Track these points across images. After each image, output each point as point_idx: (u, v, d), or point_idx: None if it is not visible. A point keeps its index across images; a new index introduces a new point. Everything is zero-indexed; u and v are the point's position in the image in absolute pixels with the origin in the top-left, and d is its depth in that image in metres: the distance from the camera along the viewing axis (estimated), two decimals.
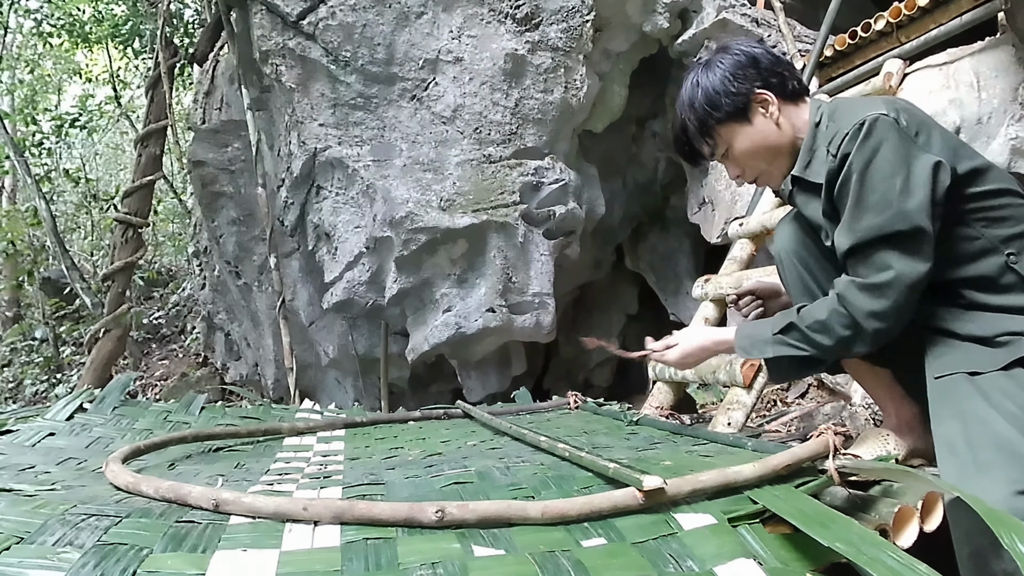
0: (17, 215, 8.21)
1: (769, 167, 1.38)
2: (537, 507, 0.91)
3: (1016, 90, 2.56)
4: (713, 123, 1.36)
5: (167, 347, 7.78)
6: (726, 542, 0.85)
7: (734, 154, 1.38)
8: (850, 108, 1.27)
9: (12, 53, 9.40)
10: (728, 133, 1.36)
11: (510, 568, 0.78)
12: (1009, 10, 2.39)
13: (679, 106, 1.39)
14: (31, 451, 1.59)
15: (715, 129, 1.36)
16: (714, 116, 1.35)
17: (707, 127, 1.36)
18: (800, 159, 1.34)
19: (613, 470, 1.05)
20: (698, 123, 1.37)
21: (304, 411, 2.46)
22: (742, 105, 1.34)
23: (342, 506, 0.90)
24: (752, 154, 1.37)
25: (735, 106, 1.34)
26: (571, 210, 3.90)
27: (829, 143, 1.25)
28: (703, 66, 1.39)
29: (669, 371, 2.82)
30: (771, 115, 1.34)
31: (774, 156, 1.37)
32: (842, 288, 1.19)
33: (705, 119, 1.36)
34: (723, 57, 1.37)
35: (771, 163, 1.38)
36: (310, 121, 3.85)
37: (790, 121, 1.36)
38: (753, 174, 1.40)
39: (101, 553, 0.77)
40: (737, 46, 1.38)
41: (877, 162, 1.16)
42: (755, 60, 1.36)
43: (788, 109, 1.36)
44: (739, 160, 1.39)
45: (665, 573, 0.78)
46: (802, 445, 1.08)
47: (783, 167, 1.37)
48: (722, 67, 1.36)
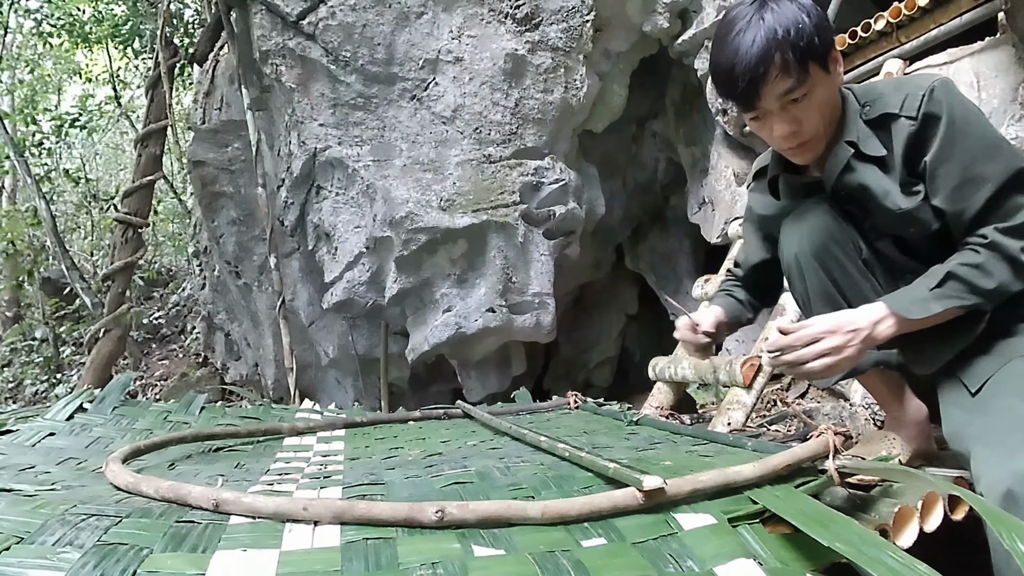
0: (17, 215, 8.21)
1: (822, 130, 1.25)
2: (537, 507, 0.91)
3: (1016, 90, 2.56)
4: (811, 55, 1.17)
5: (167, 347, 7.78)
6: (726, 542, 0.85)
7: (811, 101, 1.21)
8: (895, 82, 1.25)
9: (12, 53, 9.40)
10: (816, 75, 1.19)
11: (510, 568, 0.78)
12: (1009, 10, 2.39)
13: (764, 25, 1.17)
14: (31, 451, 1.59)
15: (810, 64, 1.18)
16: (816, 47, 1.17)
17: (806, 56, 1.17)
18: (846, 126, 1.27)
19: (613, 470, 1.05)
20: (799, 48, 1.16)
21: (304, 411, 2.46)
22: (829, 51, 1.21)
23: (342, 506, 0.90)
24: (823, 108, 1.23)
25: (827, 48, 1.20)
26: (571, 210, 3.90)
27: (888, 106, 1.20)
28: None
29: (669, 371, 2.82)
30: (838, 74, 1.24)
31: (831, 120, 1.26)
32: (992, 237, 1.13)
33: (809, 46, 1.17)
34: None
35: (826, 126, 1.25)
36: (310, 121, 3.85)
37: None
38: (810, 132, 1.24)
39: (101, 553, 0.77)
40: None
41: (970, 115, 1.15)
42: (825, 12, 1.26)
43: None
44: (811, 110, 1.22)
45: (665, 573, 0.78)
46: (802, 445, 1.08)
47: (828, 136, 1.27)
48: (813, 5, 1.21)
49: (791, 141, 1.26)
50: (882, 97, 1.23)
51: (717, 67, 1.23)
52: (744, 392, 2.38)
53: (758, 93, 1.19)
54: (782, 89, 1.19)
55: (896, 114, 1.20)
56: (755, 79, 1.17)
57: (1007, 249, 1.12)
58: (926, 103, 1.16)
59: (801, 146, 1.27)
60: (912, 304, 1.15)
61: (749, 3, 1.21)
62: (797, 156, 1.29)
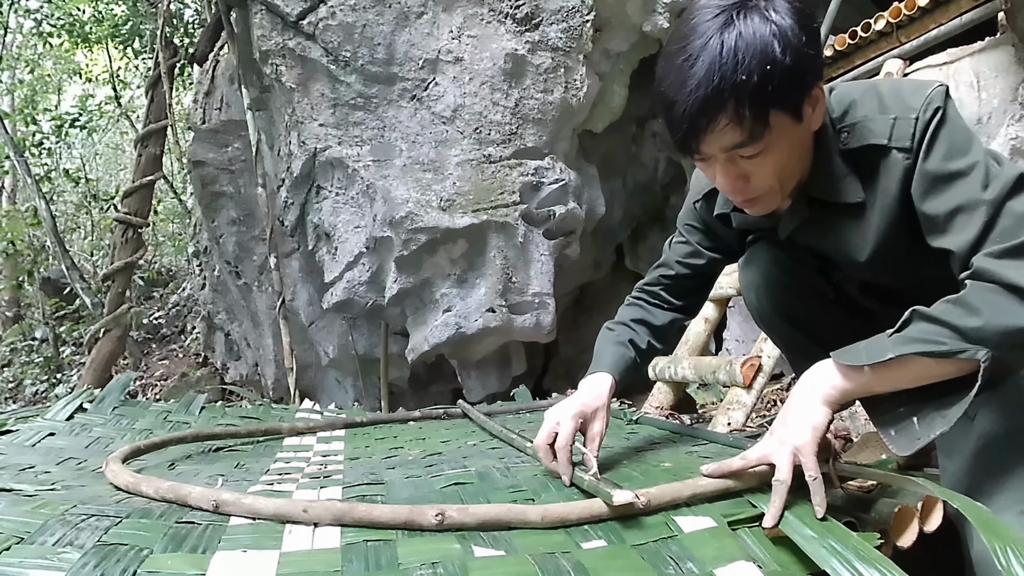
0: (17, 215, 8.21)
1: (782, 185, 1.02)
2: (537, 511, 0.91)
3: (1016, 90, 2.56)
4: (777, 104, 0.91)
5: (167, 347, 7.78)
6: (726, 545, 0.85)
7: (767, 158, 0.96)
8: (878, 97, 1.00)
9: (12, 53, 9.40)
10: (781, 126, 0.94)
11: (510, 568, 0.78)
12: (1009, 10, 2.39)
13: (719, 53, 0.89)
14: (31, 451, 1.59)
15: (772, 115, 0.92)
16: (787, 92, 0.91)
17: (770, 105, 0.91)
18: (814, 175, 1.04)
19: (587, 483, 1.04)
20: (763, 96, 0.89)
21: (304, 411, 2.46)
22: (809, 92, 0.95)
23: (342, 508, 0.90)
24: (784, 165, 0.99)
25: (805, 91, 0.94)
26: (571, 210, 3.90)
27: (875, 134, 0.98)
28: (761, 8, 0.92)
29: (669, 371, 2.82)
30: (816, 117, 0.99)
31: (793, 171, 1.02)
32: (978, 264, 0.87)
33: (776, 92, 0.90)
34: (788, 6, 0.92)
35: (786, 180, 1.02)
36: (310, 121, 3.85)
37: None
38: (760, 190, 1.01)
39: (101, 553, 0.77)
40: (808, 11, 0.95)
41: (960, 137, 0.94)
42: (817, 31, 0.97)
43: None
44: (763, 168, 0.98)
45: (665, 575, 0.78)
46: None
47: (789, 188, 1.04)
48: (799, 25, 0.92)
49: (735, 197, 1.05)
50: (865, 123, 1.00)
51: (659, 94, 0.98)
52: (744, 392, 2.38)
53: (699, 142, 0.95)
54: (729, 143, 0.94)
55: (885, 146, 0.97)
56: (696, 128, 0.93)
57: (1002, 275, 0.84)
58: (921, 130, 0.94)
59: (749, 201, 1.05)
60: (863, 351, 0.91)
61: (715, 10, 0.93)
62: (746, 208, 1.07)
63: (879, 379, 0.91)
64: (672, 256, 1.38)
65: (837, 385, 0.93)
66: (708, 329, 3.01)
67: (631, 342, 1.33)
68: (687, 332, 3.02)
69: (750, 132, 0.92)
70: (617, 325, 1.38)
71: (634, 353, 1.32)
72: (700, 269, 1.35)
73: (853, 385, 0.93)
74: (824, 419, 0.92)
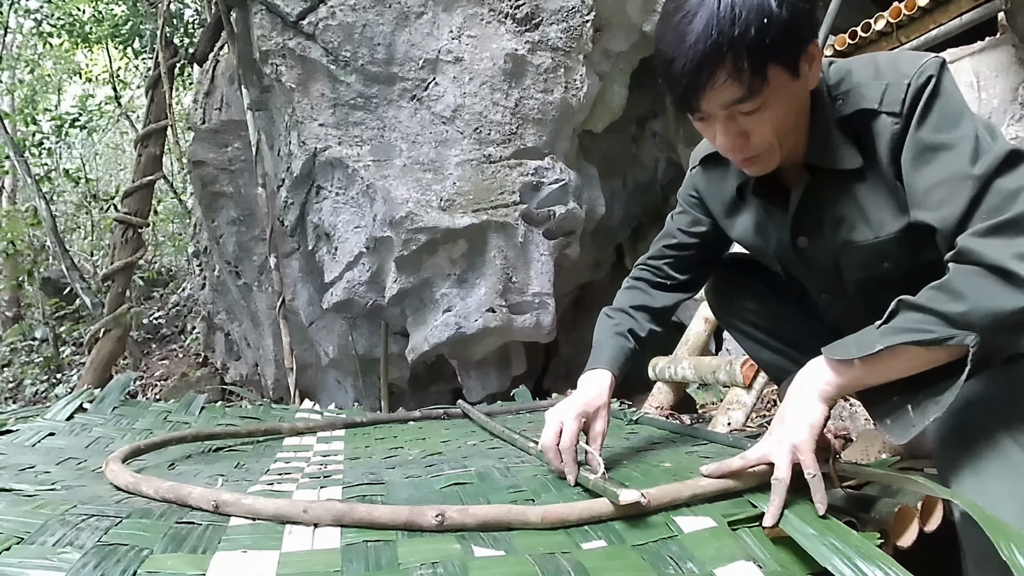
0: (17, 215, 8.21)
1: (780, 143, 1.01)
2: (537, 512, 0.91)
3: (1016, 90, 2.56)
4: (774, 57, 0.91)
5: (167, 347, 7.78)
6: (726, 545, 0.85)
7: (765, 114, 0.96)
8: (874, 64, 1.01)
9: (12, 53, 9.40)
10: (778, 81, 0.93)
11: (510, 568, 0.78)
12: (1009, 10, 2.40)
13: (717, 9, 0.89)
14: (31, 451, 1.59)
15: (770, 69, 0.92)
16: (784, 46, 0.91)
17: (765, 60, 0.91)
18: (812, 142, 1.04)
19: (592, 482, 1.04)
20: (758, 48, 0.89)
21: (304, 411, 2.46)
22: (802, 48, 0.95)
23: (342, 509, 0.90)
24: (783, 118, 0.98)
25: (802, 46, 0.94)
26: (571, 210, 3.90)
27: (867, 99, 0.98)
28: None
29: (669, 371, 2.82)
30: (813, 75, 0.99)
31: (793, 128, 1.02)
32: (962, 244, 0.85)
33: (770, 47, 0.90)
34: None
35: (783, 137, 1.01)
36: (310, 121, 3.85)
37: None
38: (760, 147, 1.01)
39: (101, 554, 0.77)
40: None
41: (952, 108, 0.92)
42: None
43: None
44: (762, 125, 0.97)
45: (665, 575, 0.79)
46: None
47: (789, 146, 1.03)
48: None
49: (734, 155, 1.04)
50: (858, 88, 1.00)
51: (658, 53, 0.98)
52: (744, 392, 2.38)
53: (698, 98, 0.95)
54: (729, 98, 0.94)
55: (875, 110, 0.97)
56: (696, 84, 0.93)
57: (986, 256, 0.82)
58: (912, 96, 0.94)
59: (748, 160, 1.04)
60: (852, 345, 0.91)
61: None
62: (746, 168, 1.07)
63: (871, 371, 0.91)
64: (674, 226, 1.36)
65: (831, 381, 0.93)
66: (708, 329, 3.01)
67: (630, 332, 1.31)
68: (687, 332, 3.02)
69: (749, 86, 0.92)
70: (616, 313, 1.37)
71: (633, 343, 1.31)
72: (704, 238, 1.33)
73: (846, 379, 0.93)
74: (820, 415, 0.92)
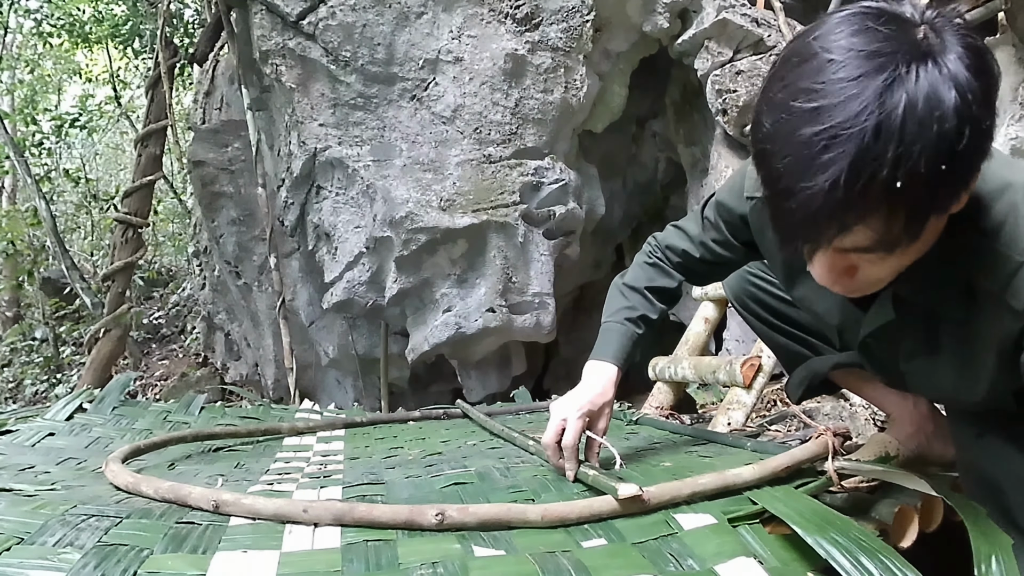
0: (17, 215, 8.21)
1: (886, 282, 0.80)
2: (537, 510, 0.91)
3: (1016, 90, 2.56)
4: (937, 208, 0.68)
5: (167, 347, 7.78)
6: (726, 541, 0.85)
7: (892, 259, 0.73)
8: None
9: (12, 53, 9.40)
10: (930, 231, 0.71)
11: (510, 568, 0.78)
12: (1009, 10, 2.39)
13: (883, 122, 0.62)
14: (31, 451, 1.59)
15: (929, 220, 0.69)
16: (956, 188, 0.68)
17: (929, 210, 0.68)
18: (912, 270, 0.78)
19: (592, 478, 1.05)
20: (929, 195, 0.65)
21: (304, 411, 2.46)
22: (971, 180, 0.70)
23: (342, 508, 0.90)
24: (911, 259, 0.76)
25: (972, 180, 0.69)
26: (571, 210, 3.90)
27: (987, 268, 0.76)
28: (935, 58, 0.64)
29: (669, 371, 2.82)
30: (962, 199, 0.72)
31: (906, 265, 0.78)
32: None
33: (943, 195, 0.67)
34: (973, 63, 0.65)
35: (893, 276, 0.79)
36: (310, 121, 3.85)
37: None
38: (867, 288, 0.80)
39: (101, 554, 0.77)
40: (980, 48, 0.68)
41: None
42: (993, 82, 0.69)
43: None
44: (885, 270, 0.76)
45: (666, 572, 0.78)
46: (801, 447, 1.08)
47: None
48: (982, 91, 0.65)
49: (831, 287, 0.79)
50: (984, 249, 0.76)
51: (763, 156, 0.70)
52: (744, 392, 2.38)
53: (821, 240, 0.71)
54: (851, 245, 0.71)
55: (994, 292, 0.76)
56: (819, 235, 0.69)
57: None
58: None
59: (847, 289, 0.81)
60: None
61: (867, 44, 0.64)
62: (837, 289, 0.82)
63: None
64: (703, 236, 1.20)
65: None
66: (708, 329, 3.01)
67: (642, 319, 1.25)
68: (687, 332, 3.02)
69: (887, 243, 0.68)
70: (631, 293, 1.28)
71: (644, 329, 1.25)
72: (730, 261, 1.22)
73: None
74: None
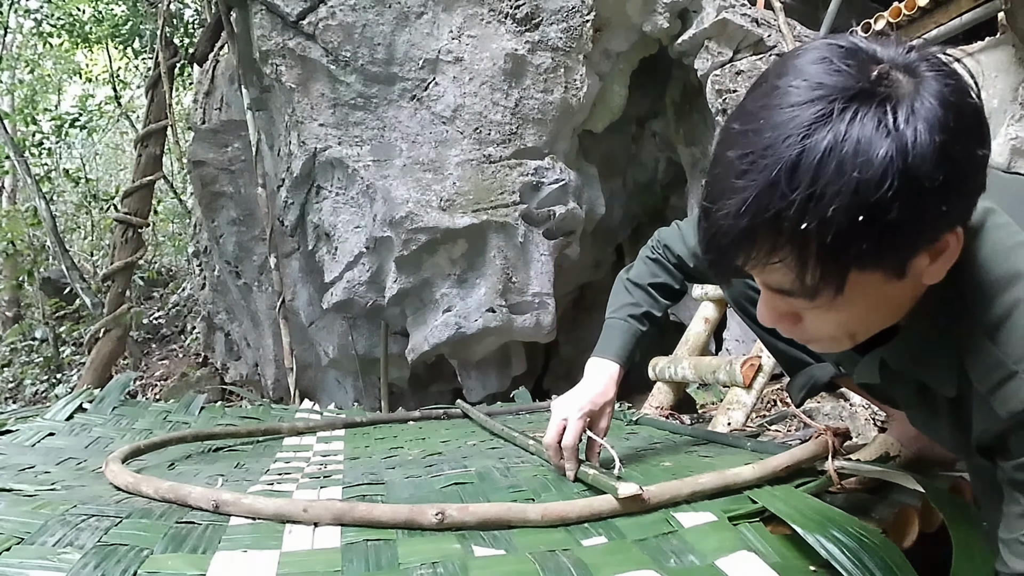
0: (17, 215, 8.21)
1: (852, 338, 0.75)
2: (537, 510, 0.91)
3: (1016, 90, 2.56)
4: (860, 263, 0.62)
5: (167, 347, 7.78)
6: (727, 538, 0.85)
7: (831, 315, 0.69)
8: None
9: (12, 53, 9.40)
10: (862, 285, 0.65)
11: (510, 567, 0.78)
12: (1009, 10, 2.39)
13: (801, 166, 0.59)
14: (31, 451, 1.59)
15: (851, 271, 0.63)
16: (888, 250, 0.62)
17: (848, 262, 0.62)
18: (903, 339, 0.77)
19: (592, 477, 1.05)
20: (841, 246, 0.60)
21: (304, 411, 2.46)
22: (921, 246, 0.64)
23: (342, 508, 0.90)
24: (859, 322, 0.72)
25: (915, 244, 0.63)
26: (571, 210, 3.90)
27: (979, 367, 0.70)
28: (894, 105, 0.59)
29: (669, 371, 2.82)
30: (936, 271, 0.67)
31: (875, 327, 0.75)
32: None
33: (860, 248, 0.60)
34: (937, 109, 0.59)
35: (861, 334, 0.75)
36: (310, 121, 3.85)
37: None
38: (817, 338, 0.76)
39: (102, 554, 0.77)
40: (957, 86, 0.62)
41: None
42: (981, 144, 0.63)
43: None
44: (827, 323, 0.72)
45: (666, 568, 0.78)
46: (801, 446, 1.08)
47: (864, 338, 0.76)
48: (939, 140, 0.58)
49: (779, 328, 0.77)
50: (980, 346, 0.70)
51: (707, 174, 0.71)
52: (744, 392, 2.38)
53: (727, 269, 0.69)
54: (776, 284, 0.69)
55: (981, 394, 0.71)
56: (726, 261, 0.67)
57: None
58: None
59: (803, 339, 0.78)
60: None
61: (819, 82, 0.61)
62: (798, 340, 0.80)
63: None
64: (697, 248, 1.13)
65: None
66: (708, 329, 3.01)
67: (646, 315, 1.25)
68: (687, 332, 3.02)
69: (808, 289, 0.64)
70: (636, 289, 1.28)
71: (648, 327, 1.25)
72: None
73: None
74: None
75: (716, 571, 0.78)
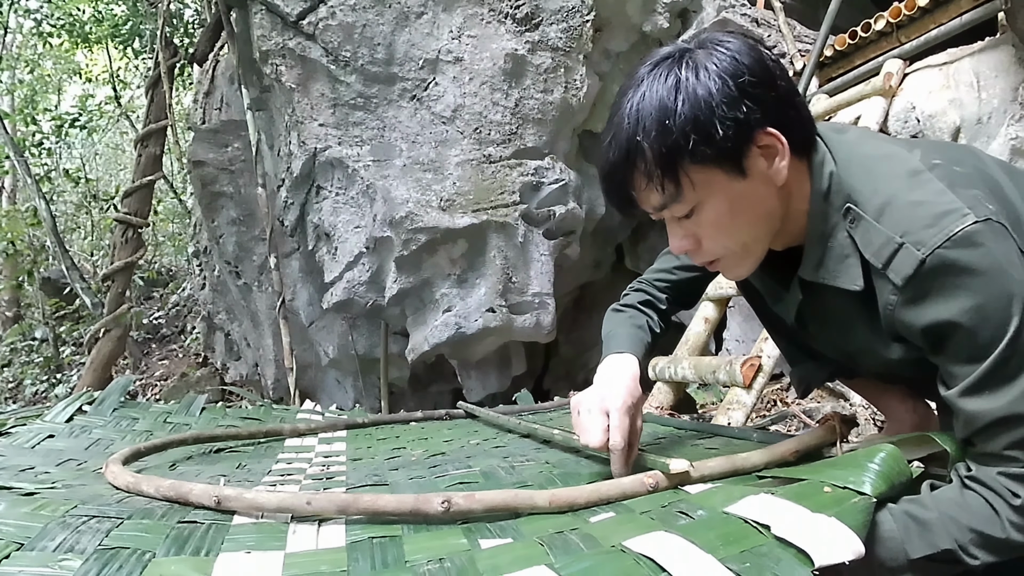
0: (17, 215, 8.20)
1: (744, 247, 0.94)
2: (545, 496, 0.91)
3: (1016, 90, 2.56)
4: (687, 159, 0.86)
5: (167, 347, 7.77)
6: (734, 492, 0.88)
7: (703, 217, 0.90)
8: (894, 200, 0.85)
9: (12, 53, 9.39)
10: (706, 182, 0.87)
11: (519, 552, 0.78)
12: (1009, 10, 2.39)
13: (626, 115, 0.88)
14: (30, 453, 1.59)
15: (686, 169, 0.86)
16: (693, 148, 0.84)
17: (674, 162, 0.86)
18: (808, 253, 0.94)
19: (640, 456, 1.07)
20: (662, 152, 0.85)
21: (305, 412, 2.46)
22: (741, 144, 0.86)
23: (346, 499, 0.89)
24: (731, 225, 0.91)
25: (731, 143, 0.85)
26: (571, 210, 3.90)
27: (872, 247, 0.86)
28: (683, 60, 0.87)
29: (669, 371, 2.82)
30: (776, 170, 0.88)
31: (759, 233, 0.94)
32: (988, 481, 0.79)
33: (676, 148, 0.85)
34: (719, 55, 0.87)
35: (750, 242, 0.94)
36: (310, 121, 3.84)
37: (793, 184, 0.92)
38: (716, 253, 0.94)
39: (103, 559, 0.76)
40: (739, 43, 0.88)
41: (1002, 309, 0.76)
42: (771, 77, 0.87)
43: (794, 165, 0.90)
44: (707, 228, 0.91)
45: (677, 527, 0.78)
46: (809, 431, 1.09)
47: (760, 251, 0.96)
48: (719, 71, 0.85)
49: (694, 259, 0.97)
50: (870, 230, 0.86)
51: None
52: (744, 392, 2.38)
53: (629, 201, 0.93)
54: (653, 204, 0.91)
55: (878, 269, 0.85)
56: (613, 189, 0.92)
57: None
58: (929, 273, 0.79)
59: (710, 264, 0.97)
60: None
61: (657, 59, 0.90)
62: (713, 270, 1.01)
63: None
64: (667, 264, 1.35)
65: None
66: (708, 329, 3.01)
67: (647, 325, 1.29)
68: (687, 332, 3.02)
69: (664, 191, 0.88)
70: (627, 307, 1.34)
71: (649, 338, 1.27)
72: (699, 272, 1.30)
73: None
74: None
75: (728, 516, 0.78)
